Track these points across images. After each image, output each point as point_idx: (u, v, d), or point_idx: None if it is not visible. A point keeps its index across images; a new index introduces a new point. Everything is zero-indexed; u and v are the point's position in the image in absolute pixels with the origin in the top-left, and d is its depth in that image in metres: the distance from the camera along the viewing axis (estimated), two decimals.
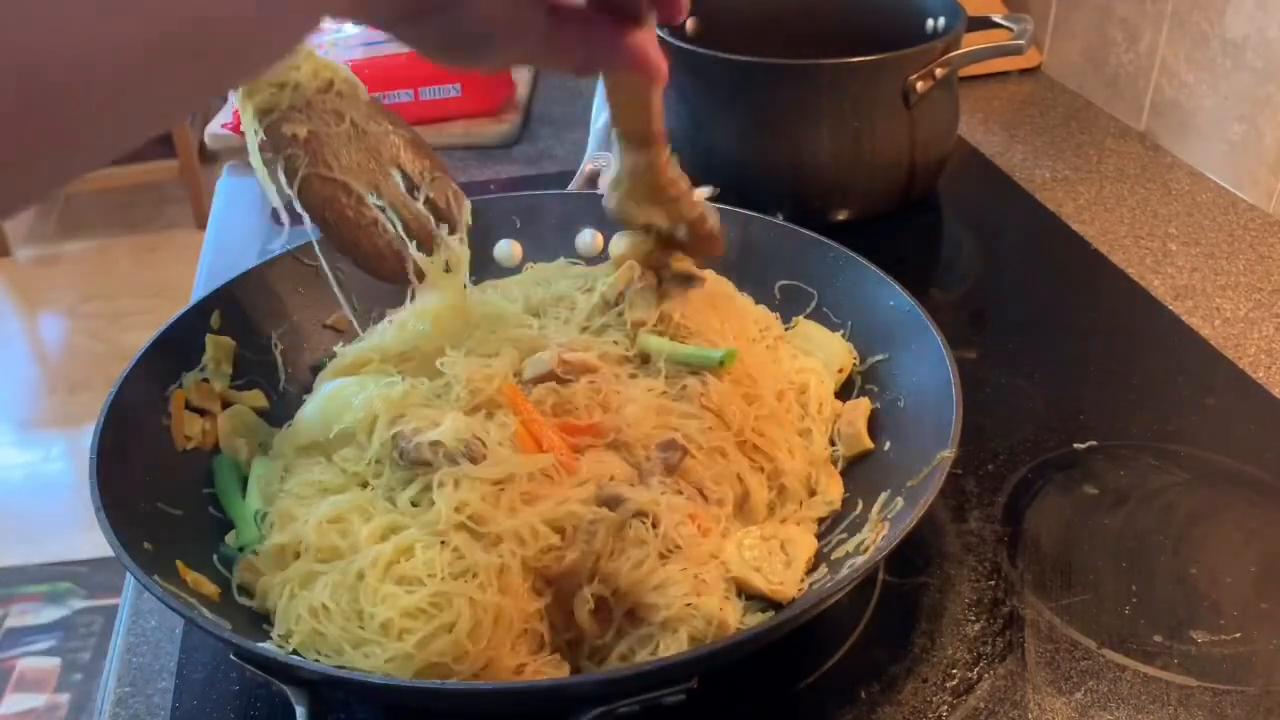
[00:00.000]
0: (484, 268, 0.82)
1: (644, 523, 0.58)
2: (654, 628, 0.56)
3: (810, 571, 0.61)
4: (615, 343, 0.70)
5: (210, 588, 0.58)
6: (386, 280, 0.68)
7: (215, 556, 0.62)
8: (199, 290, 0.94)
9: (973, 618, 0.63)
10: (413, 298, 0.71)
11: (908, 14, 1.06)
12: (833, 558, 0.61)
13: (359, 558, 0.56)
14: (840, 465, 0.68)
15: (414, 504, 0.59)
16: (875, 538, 0.60)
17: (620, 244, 0.73)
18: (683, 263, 0.73)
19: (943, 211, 1.06)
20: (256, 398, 0.72)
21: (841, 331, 0.75)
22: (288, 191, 0.64)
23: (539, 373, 0.66)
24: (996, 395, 0.80)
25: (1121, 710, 0.57)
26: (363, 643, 0.54)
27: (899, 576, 0.65)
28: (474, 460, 0.59)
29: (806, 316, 0.78)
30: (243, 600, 0.60)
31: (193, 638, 0.63)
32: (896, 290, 0.72)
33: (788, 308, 0.78)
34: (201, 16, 0.32)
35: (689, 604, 0.56)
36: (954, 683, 0.59)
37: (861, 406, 0.70)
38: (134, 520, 0.58)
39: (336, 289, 0.70)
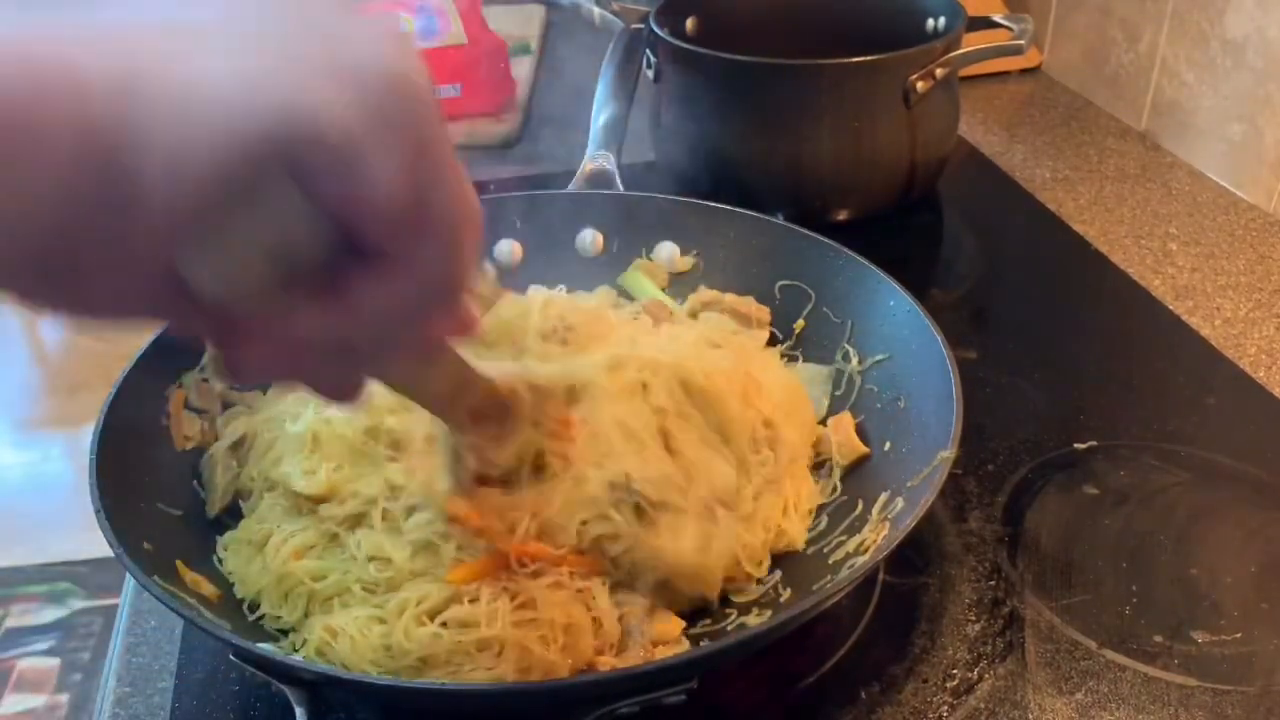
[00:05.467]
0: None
1: None
2: None
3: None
4: None
5: (210, 588, 0.58)
6: None
7: (215, 557, 0.62)
8: None
9: (973, 618, 0.63)
10: None
11: (908, 14, 1.06)
12: (832, 558, 0.61)
13: (409, 589, 0.56)
14: (838, 474, 0.68)
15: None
16: (875, 538, 0.60)
17: None
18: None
19: (943, 211, 1.06)
20: (256, 398, 0.72)
21: (841, 333, 0.75)
22: None
23: None
24: (996, 395, 0.80)
25: (1122, 710, 0.57)
26: (394, 673, 0.55)
27: (899, 576, 0.65)
28: None
29: (806, 317, 0.78)
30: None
31: (193, 638, 0.63)
32: (896, 290, 0.72)
33: (788, 308, 0.78)
34: None
35: None
36: (954, 683, 0.59)
37: (844, 420, 0.70)
38: (134, 520, 0.58)
39: None
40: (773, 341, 0.78)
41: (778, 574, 0.62)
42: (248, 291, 0.32)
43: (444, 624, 0.54)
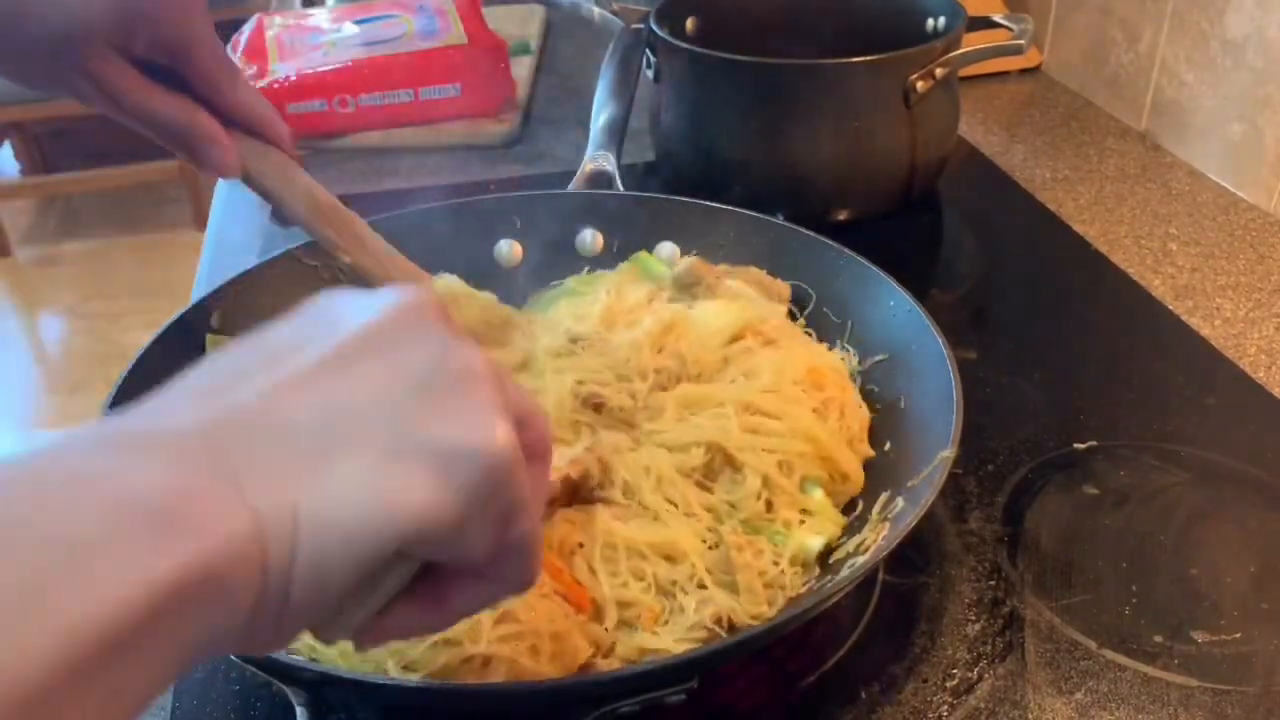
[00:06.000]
0: (484, 268, 0.82)
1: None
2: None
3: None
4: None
5: None
6: None
7: None
8: (199, 290, 0.94)
9: (973, 618, 0.63)
10: None
11: (908, 14, 1.06)
12: (832, 558, 0.61)
13: None
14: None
15: None
16: (876, 538, 0.60)
17: None
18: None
19: (943, 211, 1.06)
20: None
21: (841, 333, 0.75)
22: None
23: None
24: (996, 395, 0.80)
25: (1121, 710, 0.57)
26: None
27: (899, 576, 0.65)
28: None
29: (806, 316, 0.78)
30: None
31: None
32: (896, 290, 0.72)
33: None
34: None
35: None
36: (954, 683, 0.59)
37: (861, 417, 0.69)
38: None
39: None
40: (790, 317, 0.77)
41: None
42: (360, 629, 0.38)
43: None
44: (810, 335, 0.76)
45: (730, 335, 0.71)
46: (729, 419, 0.64)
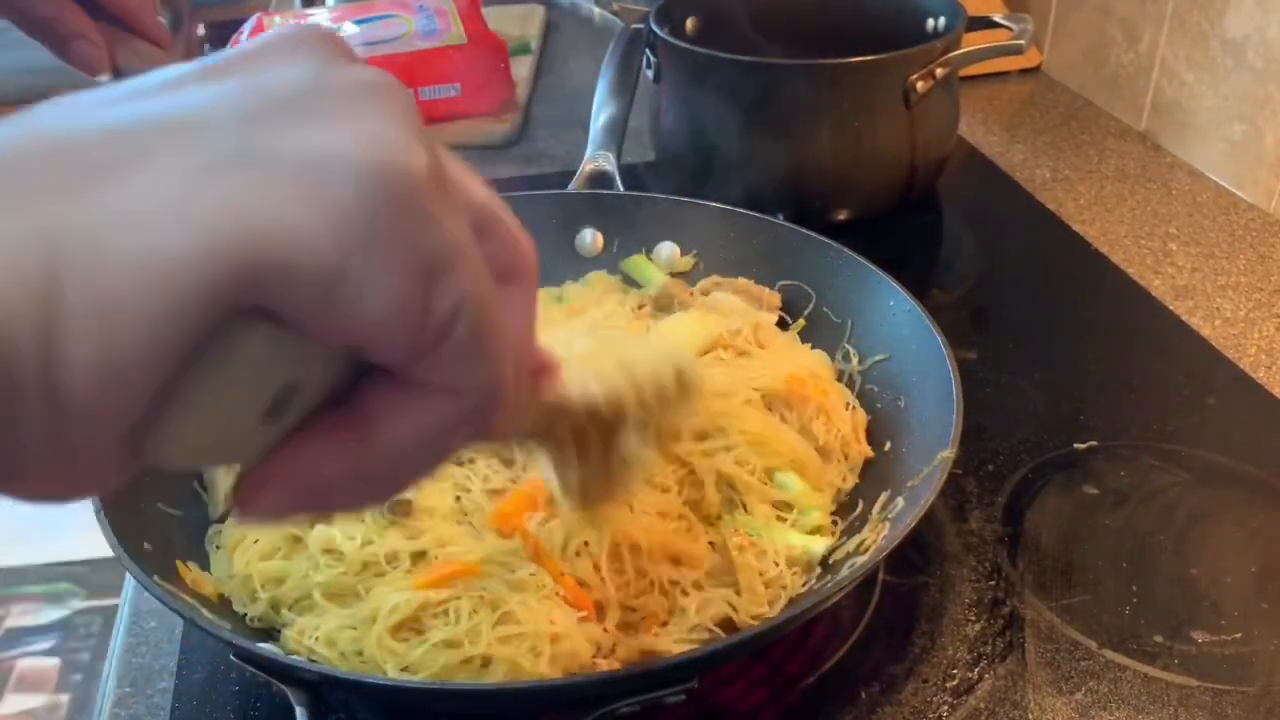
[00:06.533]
0: None
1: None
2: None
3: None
4: None
5: (210, 588, 0.58)
6: None
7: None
8: None
9: (973, 618, 0.63)
10: None
11: (908, 14, 1.06)
12: (832, 558, 0.61)
13: (381, 597, 0.55)
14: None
15: None
16: (875, 538, 0.60)
17: None
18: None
19: (943, 211, 1.06)
20: None
21: (841, 333, 0.75)
22: None
23: None
24: (996, 395, 0.80)
25: (1121, 710, 0.57)
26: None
27: (899, 576, 0.65)
28: None
29: (806, 316, 0.78)
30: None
31: (193, 638, 0.63)
32: (896, 290, 0.72)
33: (787, 308, 0.78)
34: None
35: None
36: (954, 683, 0.59)
37: (857, 418, 0.70)
38: (134, 520, 0.58)
39: None
40: (781, 325, 0.77)
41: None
42: (239, 451, 0.26)
43: (423, 639, 0.54)
44: (801, 337, 0.76)
45: (697, 350, 0.71)
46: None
